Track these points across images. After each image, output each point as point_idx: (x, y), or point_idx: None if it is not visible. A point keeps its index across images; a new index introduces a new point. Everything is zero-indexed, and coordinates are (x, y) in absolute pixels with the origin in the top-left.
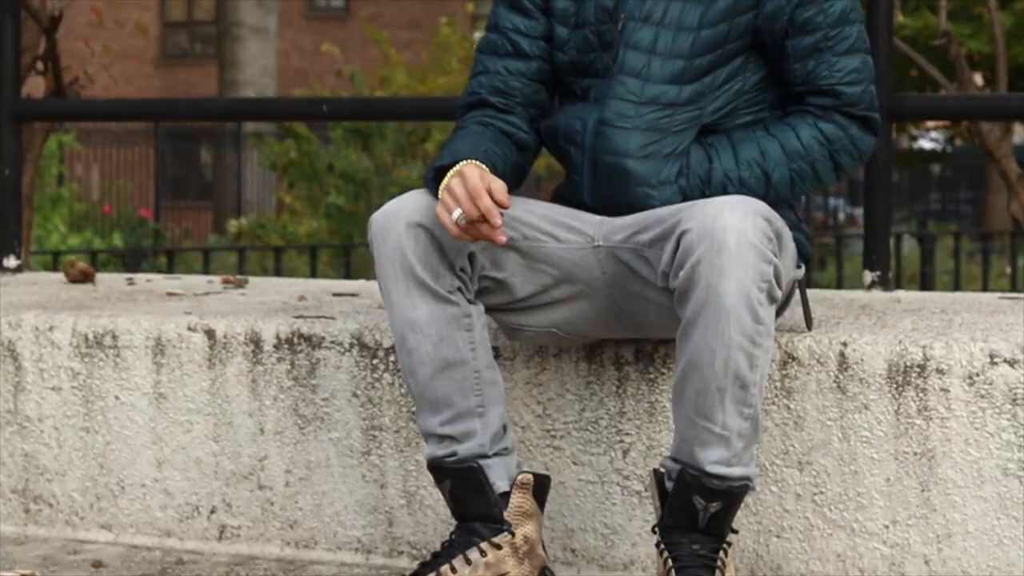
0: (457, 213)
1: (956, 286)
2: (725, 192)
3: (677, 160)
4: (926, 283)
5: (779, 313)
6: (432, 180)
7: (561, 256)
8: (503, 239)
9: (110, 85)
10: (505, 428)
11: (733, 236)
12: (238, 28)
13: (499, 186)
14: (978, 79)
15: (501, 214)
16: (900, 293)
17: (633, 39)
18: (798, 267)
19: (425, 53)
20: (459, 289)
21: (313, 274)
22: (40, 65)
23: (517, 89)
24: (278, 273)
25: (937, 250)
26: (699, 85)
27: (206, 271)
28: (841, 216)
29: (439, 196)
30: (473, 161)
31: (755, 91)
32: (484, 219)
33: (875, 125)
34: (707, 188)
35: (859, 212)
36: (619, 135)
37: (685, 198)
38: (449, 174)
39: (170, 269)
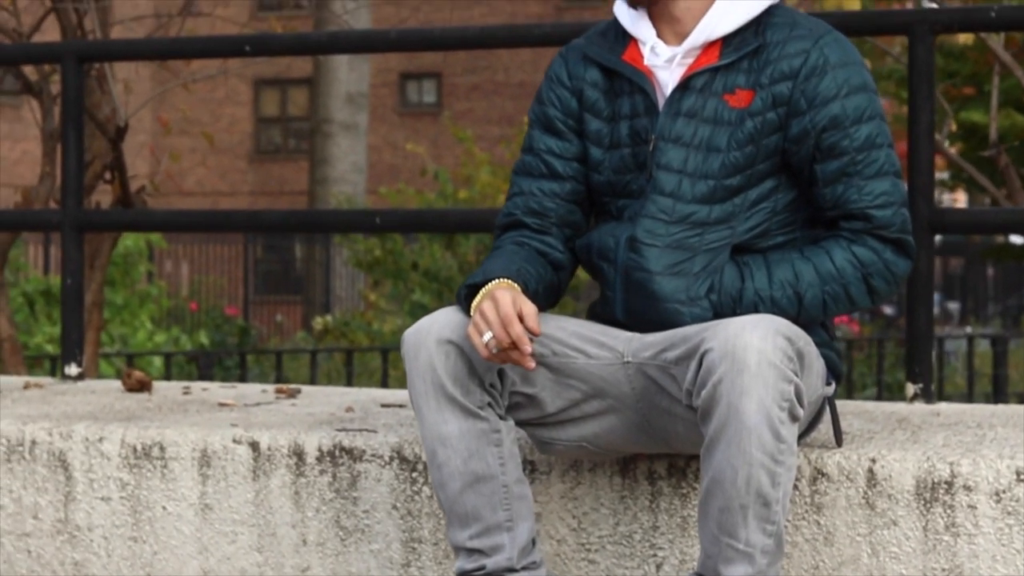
0: (488, 336)
1: None
2: (756, 311)
3: (708, 278)
4: (999, 387)
5: (810, 429)
6: (464, 298)
7: (591, 372)
8: (532, 366)
9: (205, 179)
10: (534, 542)
11: (754, 355)
12: (328, 125)
13: (531, 312)
14: None
15: (531, 339)
16: (942, 406)
17: (664, 160)
18: (828, 384)
19: (509, 152)
20: (489, 405)
21: (385, 375)
22: (108, 174)
23: (552, 210)
24: (349, 377)
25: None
26: (729, 205)
27: (278, 374)
28: (936, 311)
29: (471, 315)
30: (505, 281)
31: (787, 212)
32: (514, 346)
33: (909, 248)
34: (738, 306)
35: (954, 306)
36: (649, 252)
37: (716, 315)
38: (481, 293)
39: (242, 371)
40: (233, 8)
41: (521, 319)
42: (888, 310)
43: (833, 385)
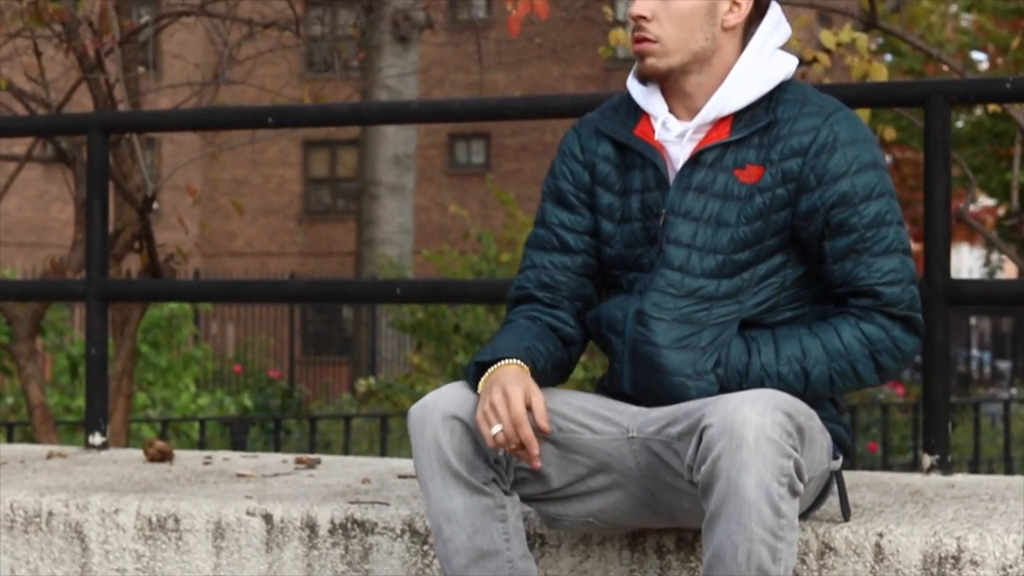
0: (497, 430)
1: None
2: (763, 386)
3: (715, 352)
4: None
5: (817, 503)
6: (472, 376)
7: (596, 447)
8: (539, 465)
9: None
10: None
11: (752, 431)
12: (376, 186)
13: (540, 408)
14: None
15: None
16: (957, 477)
17: (674, 234)
18: (835, 458)
19: None
20: (494, 480)
21: None
22: (136, 243)
23: (563, 283)
24: (383, 443)
25: None
26: (738, 280)
27: (312, 439)
28: (986, 370)
29: (478, 393)
30: (515, 362)
31: (796, 287)
32: (523, 445)
33: (918, 325)
34: (745, 381)
35: (1005, 365)
36: (657, 326)
37: (723, 389)
38: (489, 372)
39: (277, 436)
40: (283, 68)
41: (529, 408)
42: None
43: (840, 459)
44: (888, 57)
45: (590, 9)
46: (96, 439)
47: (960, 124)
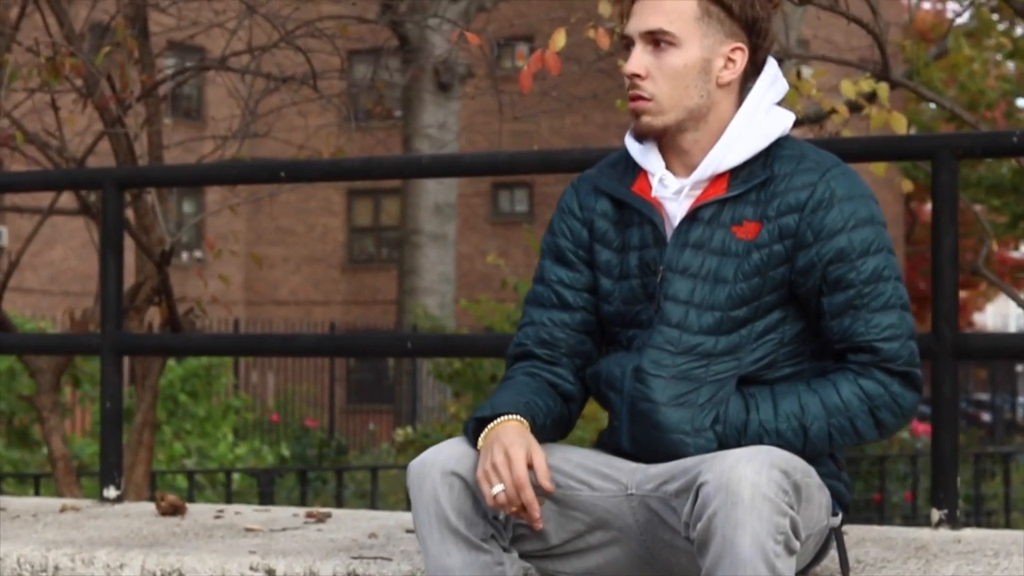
0: (498, 488)
1: None
2: (761, 443)
3: (713, 409)
4: None
5: (817, 560)
6: (472, 431)
7: (595, 504)
8: (540, 527)
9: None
10: None
11: (748, 489)
12: (417, 235)
13: (542, 467)
14: None
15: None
16: (965, 532)
17: (671, 291)
18: (835, 515)
19: None
20: (492, 537)
21: None
22: (156, 297)
23: (562, 340)
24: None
25: None
26: (736, 336)
27: (339, 490)
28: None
29: (478, 450)
30: (515, 418)
31: (795, 343)
32: (524, 508)
33: (917, 381)
34: (743, 438)
35: None
36: (655, 383)
37: (721, 446)
38: (488, 428)
39: (303, 491)
40: (324, 117)
41: (531, 466)
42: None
43: (840, 516)
44: (932, 106)
45: (604, 63)
46: (110, 492)
47: (1004, 171)
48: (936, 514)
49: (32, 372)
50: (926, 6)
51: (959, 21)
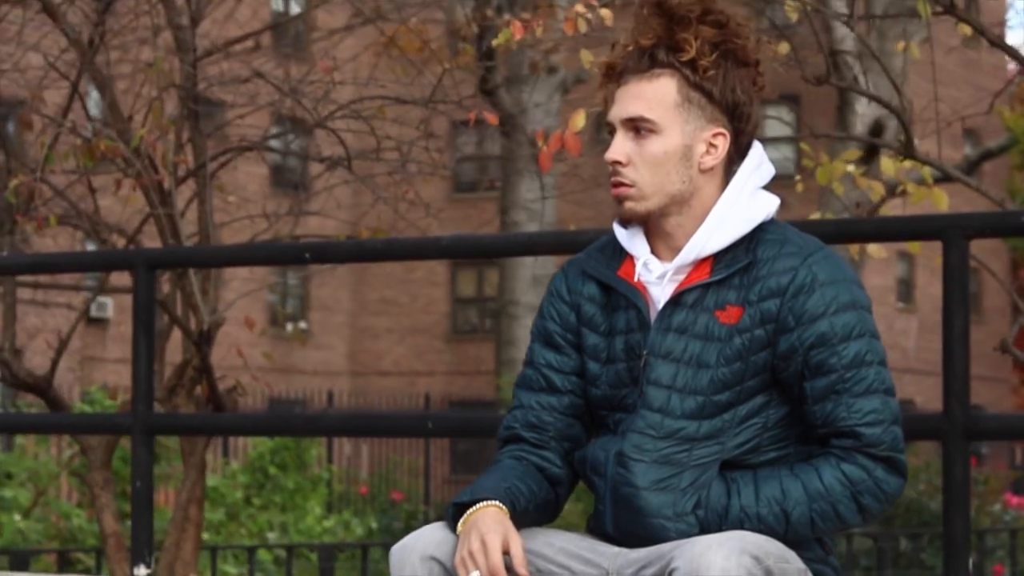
0: (474, 575)
1: None
2: (742, 528)
3: (695, 493)
4: None
5: None
6: (452, 517)
7: None
8: None
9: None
10: None
11: (717, 575)
12: (514, 307)
13: (519, 556)
14: None
15: None
16: None
17: (654, 375)
18: None
19: None
20: None
21: None
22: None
23: (550, 423)
24: None
25: None
26: (719, 421)
27: None
28: None
29: (457, 533)
30: (494, 504)
31: (779, 427)
32: None
33: (900, 466)
34: (724, 523)
35: None
36: (636, 467)
37: (703, 531)
38: (468, 513)
39: (364, 567)
40: (432, 189)
41: (507, 553)
42: None
43: None
44: None
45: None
46: (141, 571)
47: None
48: None
49: (83, 450)
50: None
51: None
